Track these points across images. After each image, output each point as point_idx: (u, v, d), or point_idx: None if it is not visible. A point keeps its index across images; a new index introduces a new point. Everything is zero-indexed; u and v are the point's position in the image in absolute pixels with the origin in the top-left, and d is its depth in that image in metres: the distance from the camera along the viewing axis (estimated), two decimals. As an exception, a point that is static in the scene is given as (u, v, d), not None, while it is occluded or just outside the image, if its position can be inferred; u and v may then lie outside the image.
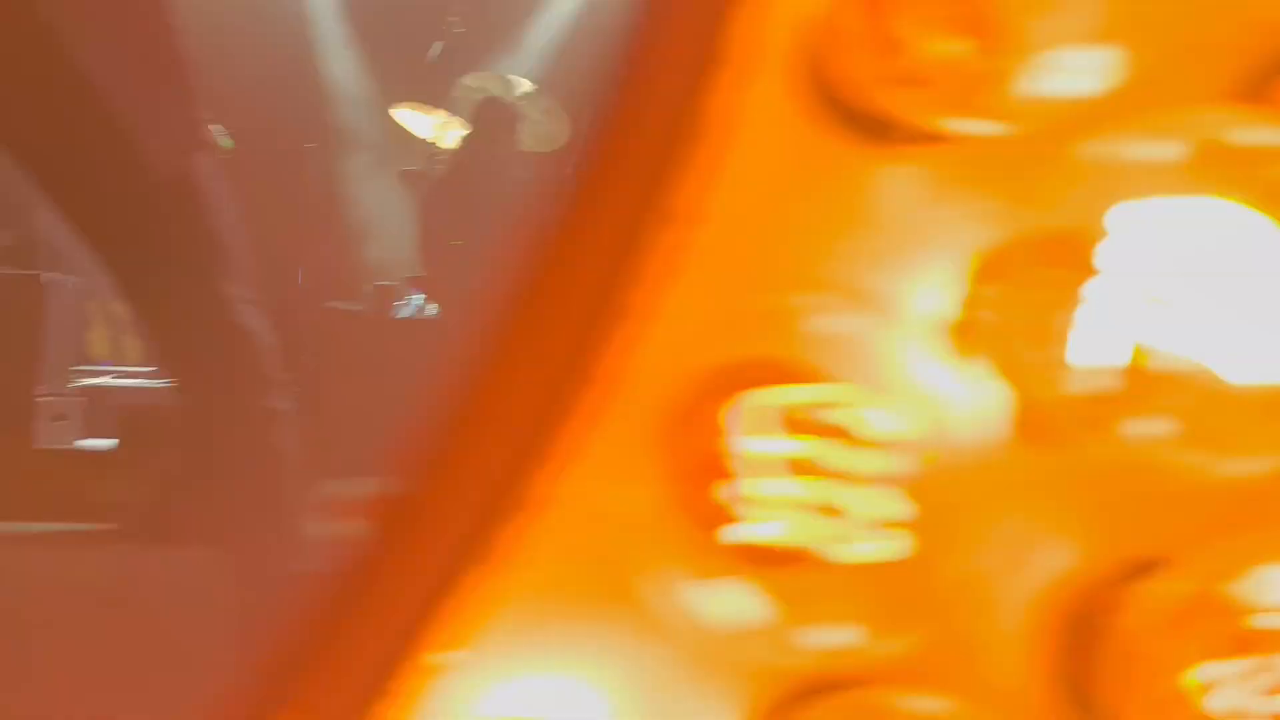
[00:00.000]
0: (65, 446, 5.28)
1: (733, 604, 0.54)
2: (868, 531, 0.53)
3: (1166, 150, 0.53)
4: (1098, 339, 0.53)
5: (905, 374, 0.54)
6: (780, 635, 0.54)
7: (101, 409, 5.24)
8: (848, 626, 0.54)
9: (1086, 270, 0.53)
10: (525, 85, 6.21)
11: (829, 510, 0.53)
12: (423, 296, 5.58)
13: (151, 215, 1.73)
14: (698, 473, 0.53)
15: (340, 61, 6.72)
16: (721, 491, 0.53)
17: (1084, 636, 0.54)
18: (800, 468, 0.53)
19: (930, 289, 0.54)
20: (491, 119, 5.07)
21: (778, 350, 0.54)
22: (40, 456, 4.87)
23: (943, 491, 0.54)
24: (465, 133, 5.62)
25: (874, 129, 0.53)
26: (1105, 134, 0.53)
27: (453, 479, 0.56)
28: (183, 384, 1.81)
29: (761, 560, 0.53)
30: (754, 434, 0.53)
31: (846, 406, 0.53)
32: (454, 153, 5.87)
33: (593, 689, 0.55)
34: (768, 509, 0.53)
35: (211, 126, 1.99)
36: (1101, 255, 0.52)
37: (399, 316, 5.58)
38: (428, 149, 5.92)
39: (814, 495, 0.53)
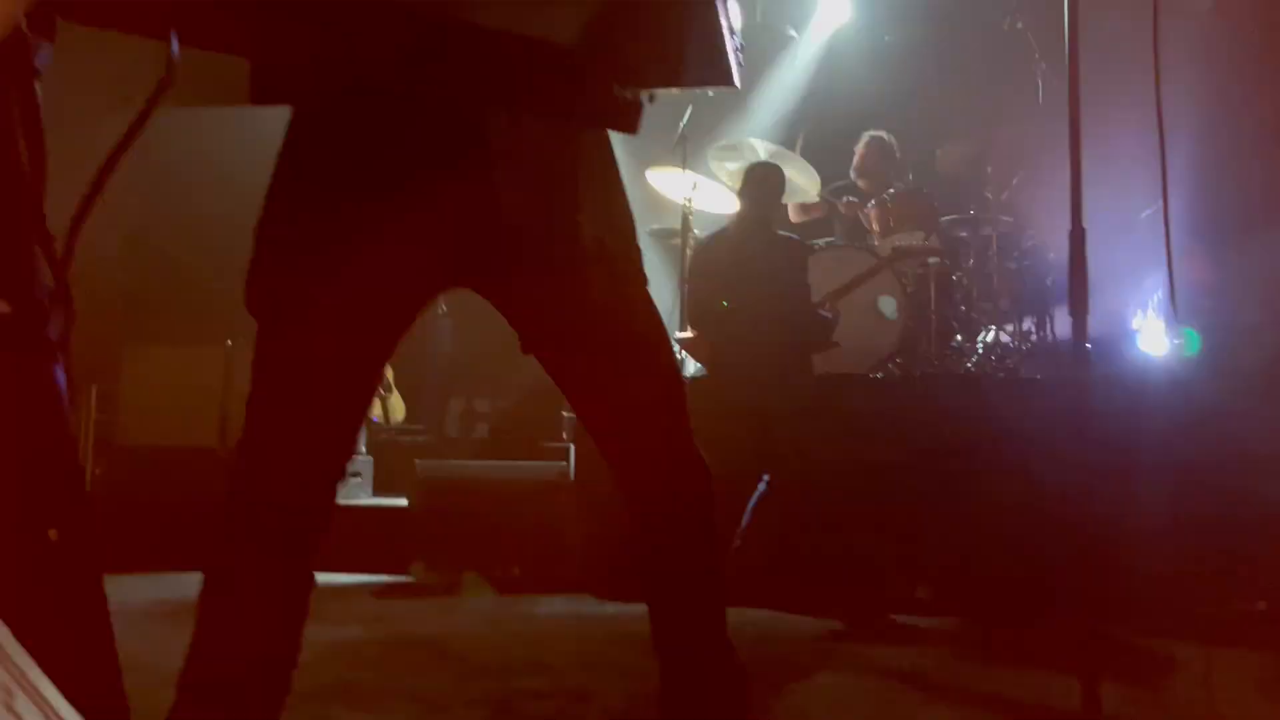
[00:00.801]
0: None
1: None
2: None
3: None
4: None
5: None
6: None
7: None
8: None
9: None
10: (771, 145, 6.24)
11: None
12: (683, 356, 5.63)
13: None
14: None
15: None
16: None
17: None
18: None
19: None
20: (760, 181, 5.10)
21: None
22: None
23: None
24: (728, 194, 5.67)
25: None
26: None
27: None
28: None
29: None
30: None
31: None
32: (718, 215, 5.94)
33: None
34: None
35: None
36: None
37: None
38: (683, 211, 5.99)
39: None
